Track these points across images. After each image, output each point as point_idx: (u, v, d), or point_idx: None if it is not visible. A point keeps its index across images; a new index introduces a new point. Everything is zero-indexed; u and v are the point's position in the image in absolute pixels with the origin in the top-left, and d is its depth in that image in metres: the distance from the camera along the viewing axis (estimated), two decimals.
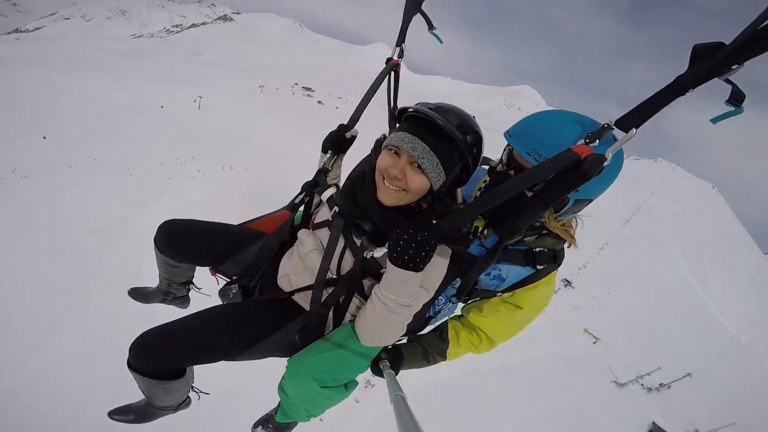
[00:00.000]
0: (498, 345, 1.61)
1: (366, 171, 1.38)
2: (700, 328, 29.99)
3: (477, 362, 18.06)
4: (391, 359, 1.55)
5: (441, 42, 1.95)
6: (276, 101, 38.84)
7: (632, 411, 20.36)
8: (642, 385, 22.66)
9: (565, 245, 1.50)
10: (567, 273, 29.75)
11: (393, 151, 1.27)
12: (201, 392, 1.71)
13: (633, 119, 0.97)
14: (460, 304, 1.68)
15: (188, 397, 1.67)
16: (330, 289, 1.37)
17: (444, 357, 1.69)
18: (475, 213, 1.21)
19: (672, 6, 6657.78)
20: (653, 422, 20.02)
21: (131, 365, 1.30)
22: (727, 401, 23.74)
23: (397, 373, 1.48)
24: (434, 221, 1.17)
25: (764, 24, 0.77)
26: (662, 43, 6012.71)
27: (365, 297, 1.36)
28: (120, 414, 1.72)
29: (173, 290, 2.00)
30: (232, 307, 1.46)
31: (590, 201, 1.36)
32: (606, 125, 1.01)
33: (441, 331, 1.68)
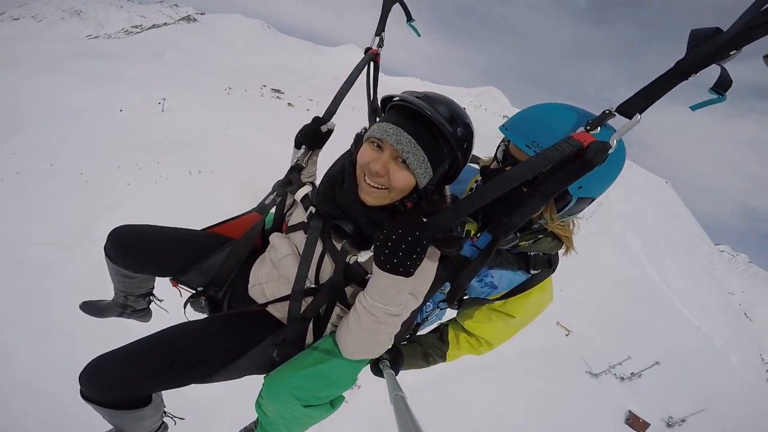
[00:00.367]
0: (497, 346, 1.57)
1: (346, 167, 1.29)
2: (663, 317, 31.68)
3: (460, 363, 18.02)
4: (391, 359, 1.50)
5: (419, 35, 1.87)
6: (245, 104, 37.72)
7: (608, 400, 21.10)
8: (615, 374, 23.70)
9: (560, 251, 1.43)
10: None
11: (375, 144, 1.17)
12: (175, 417, 1.58)
13: (636, 104, 0.92)
14: (449, 309, 1.61)
15: (163, 422, 1.55)
16: (309, 299, 1.27)
17: (443, 359, 1.66)
18: (468, 209, 1.09)
19: (626, 6, 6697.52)
20: (629, 410, 20.77)
21: (85, 396, 1.17)
22: (696, 388, 25.17)
23: (397, 373, 1.42)
24: (424, 220, 1.06)
25: (765, 7, 0.73)
26: (618, 43, 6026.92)
27: (348, 306, 1.27)
28: None
29: (131, 303, 1.85)
30: (199, 324, 1.32)
31: (593, 200, 1.27)
32: (607, 111, 0.98)
33: (441, 333, 1.65)
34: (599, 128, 0.98)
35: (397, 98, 1.19)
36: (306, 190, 1.45)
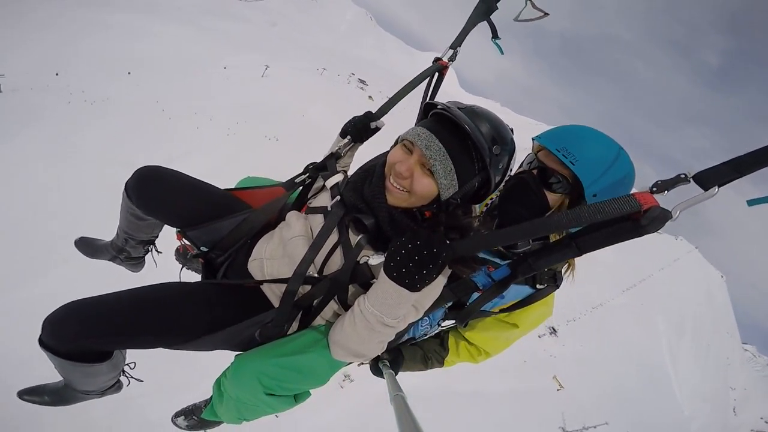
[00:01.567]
0: (495, 355, 1.58)
1: (378, 164, 1.28)
2: (654, 393, 30.43)
3: (451, 383, 18.90)
4: (391, 359, 1.50)
5: (502, 53, 1.84)
6: (332, 87, 38.31)
7: None
8: None
9: (563, 269, 1.43)
10: (555, 322, 30.13)
11: (406, 146, 1.18)
12: (132, 377, 1.49)
13: (718, 176, 0.80)
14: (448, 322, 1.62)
15: (119, 381, 1.46)
16: (307, 288, 1.21)
17: (441, 364, 1.66)
18: (499, 243, 1.04)
19: (758, 78, 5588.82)
20: None
21: (42, 342, 1.08)
22: None
23: (396, 373, 1.42)
24: (448, 240, 1.01)
25: None
26: (733, 116, 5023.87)
27: (345, 304, 1.22)
28: (32, 395, 1.47)
29: (129, 248, 1.77)
30: (188, 287, 1.27)
31: None
32: (683, 176, 0.86)
33: (442, 340, 1.66)
34: (666, 192, 0.89)
35: (440, 106, 1.16)
36: (338, 178, 1.45)
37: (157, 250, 1.84)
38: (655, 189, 0.89)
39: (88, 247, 1.93)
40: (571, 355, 28.21)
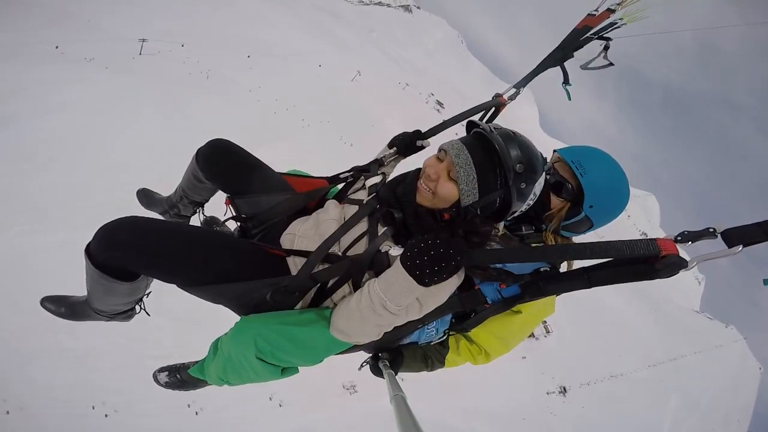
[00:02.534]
0: (494, 359, 1.55)
1: (414, 171, 1.33)
2: None
3: (453, 402, 19.09)
4: (391, 359, 1.47)
5: (569, 99, 1.80)
6: (411, 104, 39.84)
7: None
8: None
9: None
10: (569, 381, 29.75)
11: (440, 155, 1.24)
12: (144, 311, 1.54)
13: (747, 235, 0.79)
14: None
15: (131, 310, 1.50)
16: (327, 266, 1.22)
17: (442, 364, 1.60)
18: (519, 259, 1.08)
19: None
20: None
21: (89, 249, 1.13)
22: None
23: (396, 374, 1.39)
24: (467, 245, 1.03)
25: None
26: None
27: (357, 288, 1.21)
28: (53, 303, 1.56)
29: (181, 205, 1.84)
30: (222, 235, 1.35)
31: (591, 226, 1.41)
32: (711, 230, 0.83)
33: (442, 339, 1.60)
34: (690, 243, 0.86)
35: (479, 125, 1.23)
36: (377, 179, 1.52)
37: (203, 213, 1.92)
38: (680, 238, 0.85)
39: (146, 197, 2.02)
40: (572, 417, 27.41)
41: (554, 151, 1.52)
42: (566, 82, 1.76)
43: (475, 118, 1.69)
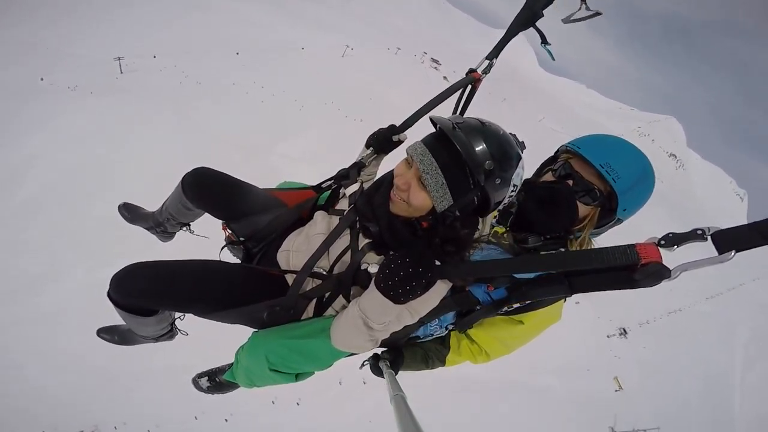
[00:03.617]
0: (494, 359, 1.54)
1: (390, 176, 1.29)
2: (712, 408, 28.51)
3: (515, 375, 18.86)
4: (391, 359, 1.48)
5: (554, 59, 1.75)
6: (407, 68, 38.42)
7: None
8: None
9: None
10: (627, 323, 29.06)
11: (408, 160, 1.19)
12: (181, 331, 1.68)
13: (740, 241, 0.69)
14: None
15: (171, 330, 1.64)
16: (317, 282, 1.27)
17: (443, 363, 1.59)
18: (488, 273, 1.08)
19: None
20: None
21: (110, 295, 1.25)
22: None
23: (396, 373, 1.39)
24: (437, 259, 1.03)
25: None
26: None
27: (350, 300, 1.26)
28: (107, 333, 1.75)
29: (168, 225, 1.89)
30: (226, 266, 1.39)
31: (620, 222, 1.33)
32: (699, 232, 0.75)
33: (443, 338, 1.60)
34: (675, 248, 0.78)
35: (437, 122, 1.15)
36: (355, 187, 1.52)
37: (190, 230, 1.96)
38: (663, 243, 0.79)
39: (130, 211, 2.06)
40: (637, 358, 26.91)
41: (565, 146, 1.36)
42: (544, 42, 1.66)
43: (453, 98, 1.64)
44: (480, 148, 1.06)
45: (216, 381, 1.84)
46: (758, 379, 32.56)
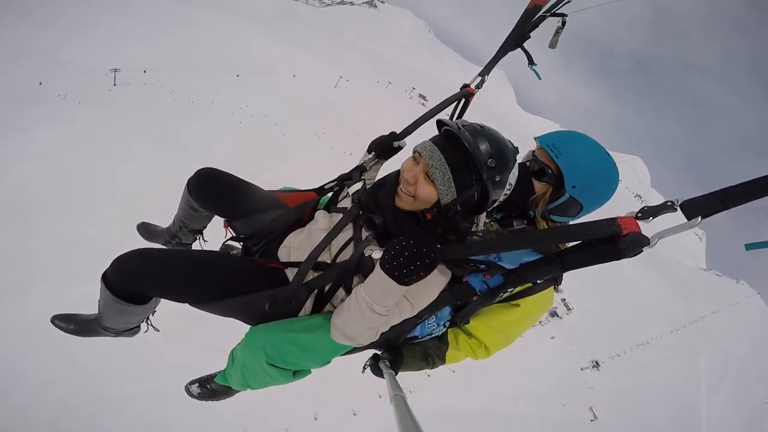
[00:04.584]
0: (494, 353, 1.58)
1: (394, 174, 1.36)
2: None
3: (491, 404, 19.35)
4: (391, 359, 1.51)
5: (540, 79, 1.86)
6: (396, 101, 39.64)
7: None
8: None
9: None
10: (599, 355, 30.12)
11: (415, 157, 1.25)
12: (152, 326, 1.63)
13: (705, 206, 0.78)
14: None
15: (137, 327, 1.60)
16: (319, 273, 1.29)
17: (443, 360, 1.62)
18: (483, 252, 1.12)
19: None
20: None
21: (106, 277, 1.23)
22: None
23: (396, 373, 1.42)
24: (439, 245, 1.05)
25: None
26: None
27: (351, 292, 1.26)
28: (63, 321, 1.66)
29: (181, 235, 1.93)
30: (224, 256, 1.42)
31: (581, 209, 1.41)
32: (670, 203, 0.83)
33: (441, 335, 1.62)
34: (651, 219, 0.85)
35: (446, 123, 1.25)
36: (358, 186, 1.58)
37: (203, 239, 2.01)
38: (640, 215, 0.86)
39: (147, 231, 2.13)
40: (610, 389, 27.62)
41: (534, 138, 1.50)
42: (531, 62, 1.79)
43: (448, 110, 1.73)
44: (484, 147, 1.15)
45: (207, 387, 1.81)
46: (722, 406, 33.69)
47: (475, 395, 18.23)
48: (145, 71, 25.90)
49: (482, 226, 1.36)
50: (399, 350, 1.55)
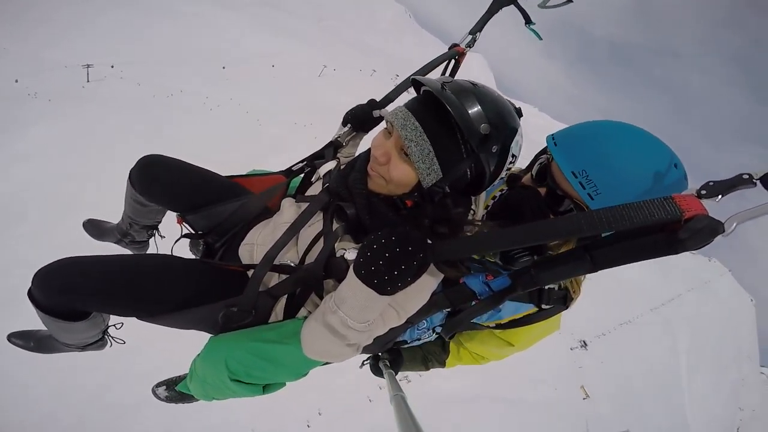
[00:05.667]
0: (496, 361, 1.47)
1: (366, 152, 1.14)
2: (667, 409, 31.05)
3: (487, 389, 19.27)
4: (391, 359, 1.42)
5: (540, 39, 1.60)
6: (382, 90, 37.39)
7: None
8: None
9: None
10: (587, 335, 30.78)
11: (388, 129, 1.04)
12: (116, 339, 1.44)
13: None
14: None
15: (102, 339, 1.41)
16: (284, 277, 1.09)
17: (442, 365, 1.54)
18: (488, 249, 0.86)
19: None
20: None
21: (31, 294, 1.06)
22: None
23: (396, 374, 1.32)
24: (428, 240, 0.84)
25: None
26: None
27: (322, 298, 1.09)
28: (20, 338, 1.48)
29: (133, 232, 1.72)
30: (176, 261, 1.19)
31: None
32: (746, 176, 0.62)
33: (443, 342, 1.53)
34: (719, 197, 0.64)
35: (422, 81, 1.00)
36: (330, 166, 1.32)
37: (160, 235, 1.77)
38: (704, 192, 0.65)
39: (94, 228, 1.88)
40: (598, 368, 28.73)
41: (547, 138, 1.09)
42: (528, 21, 1.55)
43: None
44: (475, 110, 0.91)
45: (176, 390, 1.65)
46: (702, 383, 35.27)
47: (468, 383, 18.34)
48: (112, 66, 24.62)
49: (482, 210, 1.10)
50: (398, 351, 1.48)
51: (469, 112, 0.90)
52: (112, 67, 24.46)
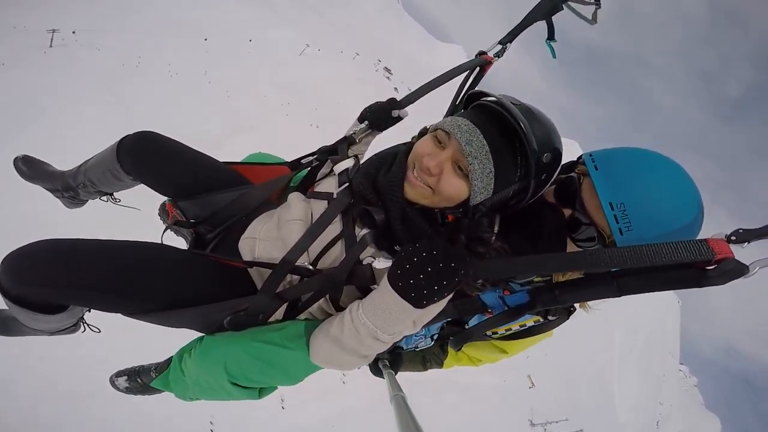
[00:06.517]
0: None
1: (399, 151, 1.09)
2: (601, 401, 34.11)
3: (447, 373, 19.60)
4: (391, 360, 1.40)
5: (554, 57, 1.57)
6: (363, 75, 35.85)
7: None
8: (545, 430, 26.16)
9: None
10: None
11: (439, 138, 0.97)
12: (91, 327, 1.32)
13: None
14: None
15: (75, 324, 1.27)
16: (296, 279, 1.02)
17: (440, 366, 1.55)
18: (526, 272, 0.89)
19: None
20: None
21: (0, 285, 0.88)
22: None
23: (396, 373, 1.31)
24: (470, 254, 0.83)
25: None
26: (733, 150, 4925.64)
27: (336, 304, 1.04)
28: None
29: (81, 191, 1.49)
30: (170, 253, 1.09)
31: None
32: None
33: (443, 344, 1.53)
34: (746, 244, 0.68)
35: (492, 98, 0.96)
36: (348, 163, 1.24)
37: (114, 200, 1.57)
38: (734, 238, 0.69)
39: (30, 167, 1.57)
40: (542, 359, 30.59)
41: (583, 156, 1.04)
42: (551, 37, 1.51)
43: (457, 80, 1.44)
44: (541, 134, 0.89)
45: (139, 382, 1.51)
46: (630, 377, 38.54)
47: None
48: (74, 32, 22.55)
49: (496, 228, 1.03)
50: (398, 351, 1.43)
51: (538, 140, 0.88)
52: (74, 32, 22.46)
